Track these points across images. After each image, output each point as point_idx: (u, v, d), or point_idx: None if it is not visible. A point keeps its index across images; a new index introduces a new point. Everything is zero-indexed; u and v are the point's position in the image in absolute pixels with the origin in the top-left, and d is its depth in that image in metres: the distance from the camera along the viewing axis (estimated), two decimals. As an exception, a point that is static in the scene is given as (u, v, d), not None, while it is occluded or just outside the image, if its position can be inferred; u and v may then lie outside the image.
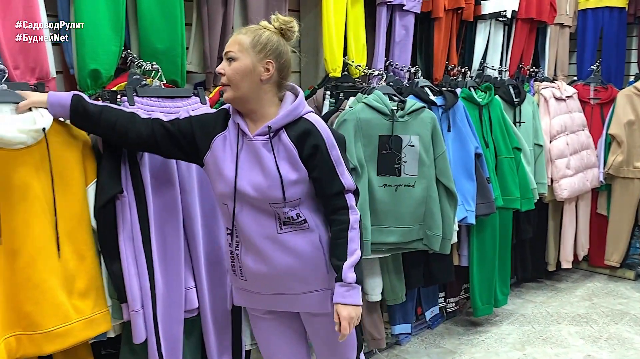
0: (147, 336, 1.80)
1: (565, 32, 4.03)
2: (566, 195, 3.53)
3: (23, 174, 1.57)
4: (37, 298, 1.57)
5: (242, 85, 1.60)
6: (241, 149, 1.64)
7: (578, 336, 3.12)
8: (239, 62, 1.59)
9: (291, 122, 1.63)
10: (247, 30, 1.63)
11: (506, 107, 3.30)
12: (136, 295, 1.78)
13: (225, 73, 1.60)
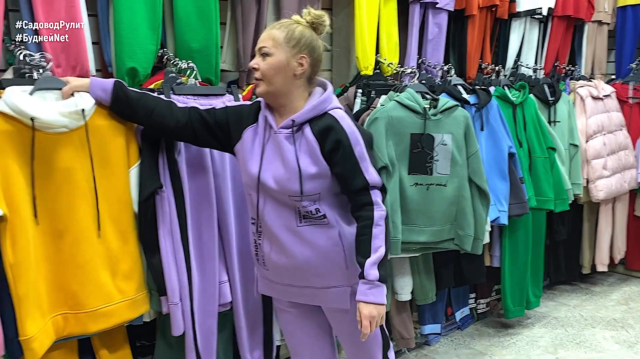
0: (185, 329, 1.84)
1: (603, 30, 3.93)
2: (602, 197, 3.45)
3: (66, 157, 1.62)
4: (82, 277, 1.63)
5: (275, 80, 1.61)
6: (267, 142, 1.67)
7: (613, 340, 3.05)
8: (274, 57, 1.60)
9: (316, 116, 1.64)
10: (280, 25, 1.64)
11: (541, 106, 3.24)
12: (175, 288, 1.82)
13: (260, 68, 1.61)
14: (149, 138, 1.82)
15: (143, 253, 1.84)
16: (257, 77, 1.63)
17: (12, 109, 1.49)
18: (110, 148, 1.71)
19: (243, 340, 2.03)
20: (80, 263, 1.63)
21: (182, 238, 1.84)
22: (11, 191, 1.51)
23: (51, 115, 1.56)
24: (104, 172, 1.69)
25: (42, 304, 1.57)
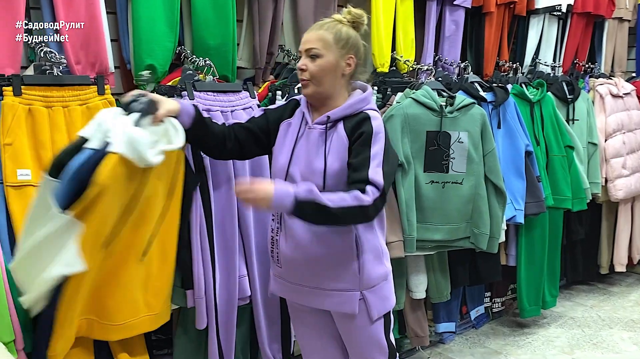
0: (208, 323, 1.88)
1: (624, 27, 3.88)
2: (621, 196, 3.40)
3: (151, 185, 1.63)
4: (118, 296, 1.68)
5: (325, 81, 1.63)
6: (300, 136, 1.69)
7: (631, 341, 3.01)
8: (324, 58, 1.61)
9: (351, 114, 1.65)
10: (327, 26, 1.64)
11: (559, 104, 3.21)
12: (202, 283, 1.86)
13: (309, 70, 1.62)
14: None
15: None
16: (305, 78, 1.63)
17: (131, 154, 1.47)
18: (174, 169, 1.73)
19: (262, 333, 2.05)
20: (121, 283, 1.68)
21: (208, 233, 1.88)
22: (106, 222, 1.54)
23: (155, 158, 1.53)
24: (172, 195, 1.73)
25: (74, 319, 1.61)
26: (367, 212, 1.56)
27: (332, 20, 1.66)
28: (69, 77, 1.83)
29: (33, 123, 1.74)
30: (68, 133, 1.80)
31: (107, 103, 1.88)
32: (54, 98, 1.78)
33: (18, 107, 1.71)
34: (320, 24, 1.66)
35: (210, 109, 1.93)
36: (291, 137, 1.70)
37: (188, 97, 1.89)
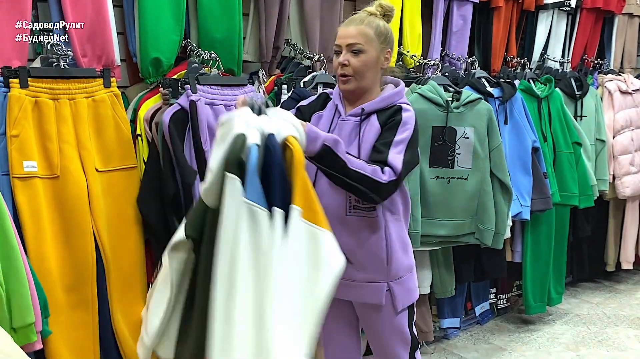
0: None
1: (634, 22, 3.84)
2: (629, 193, 3.38)
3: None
4: None
5: (367, 76, 1.64)
6: (333, 128, 1.69)
7: (637, 339, 2.99)
8: (367, 54, 1.62)
9: (384, 107, 1.66)
10: (367, 21, 1.64)
11: (567, 100, 3.19)
12: None
13: (351, 65, 1.61)
14: (177, 131, 1.85)
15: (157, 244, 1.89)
16: (347, 73, 1.63)
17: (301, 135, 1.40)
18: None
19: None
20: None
21: None
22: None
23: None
24: None
25: None
26: (379, 189, 1.54)
27: (367, 13, 1.66)
28: (75, 70, 1.85)
29: (39, 115, 1.76)
30: (74, 125, 1.81)
31: (113, 96, 1.90)
32: (60, 91, 1.79)
33: (24, 99, 1.72)
34: (358, 18, 1.65)
35: (214, 102, 1.93)
36: (323, 129, 1.68)
37: (191, 91, 1.89)
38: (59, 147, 1.77)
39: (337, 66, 1.65)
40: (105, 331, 1.85)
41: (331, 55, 2.57)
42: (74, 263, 1.78)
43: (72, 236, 1.78)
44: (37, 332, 1.61)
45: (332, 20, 2.56)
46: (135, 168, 1.95)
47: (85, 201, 1.80)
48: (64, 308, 1.76)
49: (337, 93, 1.73)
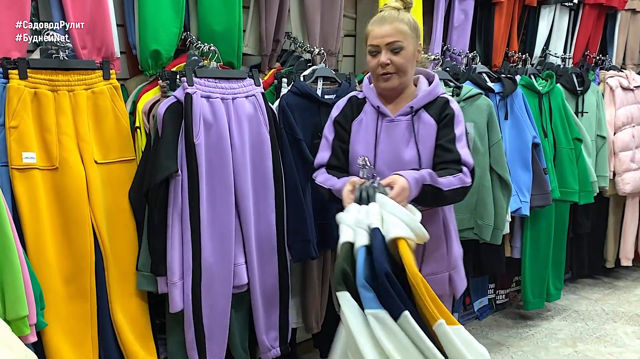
0: (184, 307, 1.89)
1: (637, 19, 3.82)
2: (629, 190, 3.37)
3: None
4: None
5: (408, 71, 1.68)
6: (380, 131, 1.70)
7: (635, 336, 3.00)
8: (406, 50, 1.64)
9: (431, 101, 1.69)
10: (400, 17, 1.65)
11: (568, 96, 3.18)
12: (175, 268, 1.87)
13: (394, 63, 1.64)
14: (171, 124, 1.85)
15: (147, 236, 1.89)
16: (390, 71, 1.65)
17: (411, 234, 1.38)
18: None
19: (259, 321, 2.07)
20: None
21: (192, 220, 1.88)
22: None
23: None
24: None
25: None
26: (465, 192, 1.63)
27: (393, 9, 1.67)
28: (74, 62, 1.84)
29: (38, 107, 1.76)
30: (73, 117, 1.81)
31: (112, 88, 1.90)
32: (60, 82, 1.79)
33: (24, 91, 1.73)
34: (389, 15, 1.66)
35: (211, 96, 1.93)
36: (369, 134, 1.70)
37: (187, 83, 1.89)
38: (58, 139, 1.77)
39: (376, 66, 1.66)
40: (103, 322, 1.86)
41: (331, 48, 2.58)
42: (72, 254, 1.78)
43: (71, 227, 1.78)
44: (31, 325, 1.61)
45: (332, 14, 2.55)
46: (133, 160, 1.95)
47: (84, 193, 1.80)
48: (62, 299, 1.77)
49: (373, 94, 1.73)
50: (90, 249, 1.81)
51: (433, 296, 1.29)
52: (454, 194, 1.59)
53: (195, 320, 1.91)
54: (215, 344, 1.99)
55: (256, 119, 2.03)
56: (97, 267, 1.84)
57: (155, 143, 1.87)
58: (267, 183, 2.05)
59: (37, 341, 1.67)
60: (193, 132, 1.86)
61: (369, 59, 1.69)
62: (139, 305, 1.95)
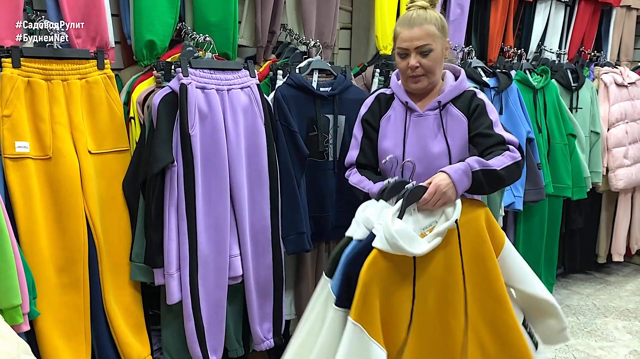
0: (182, 298, 1.89)
1: (632, 15, 3.83)
2: (622, 186, 3.39)
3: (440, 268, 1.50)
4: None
5: (437, 71, 1.71)
6: (408, 126, 1.72)
7: (625, 330, 3.02)
8: (435, 51, 1.66)
9: (457, 96, 1.71)
10: (428, 19, 1.65)
11: (563, 91, 3.19)
12: (173, 260, 1.87)
13: (423, 66, 1.66)
14: (165, 114, 1.84)
15: (142, 229, 1.89)
16: (419, 74, 1.67)
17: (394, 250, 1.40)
18: (475, 240, 1.55)
19: (253, 313, 2.07)
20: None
21: (188, 211, 1.88)
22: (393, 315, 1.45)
23: (427, 247, 1.43)
24: (476, 268, 1.54)
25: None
26: (520, 167, 1.62)
27: (420, 8, 1.67)
28: (68, 51, 1.83)
29: (32, 96, 1.75)
30: (67, 106, 1.80)
31: (107, 78, 1.89)
32: (54, 72, 1.78)
33: (17, 79, 1.71)
34: (417, 16, 1.65)
35: (206, 87, 1.92)
36: (398, 129, 1.73)
37: (182, 74, 1.88)
38: (51, 128, 1.76)
39: (405, 68, 1.68)
40: (96, 313, 1.86)
41: (327, 41, 2.58)
42: (65, 244, 1.78)
43: (64, 217, 1.77)
44: (24, 314, 1.61)
45: (328, 6, 2.55)
46: (127, 151, 1.95)
47: (78, 182, 1.79)
48: (55, 289, 1.77)
49: (402, 91, 1.76)
50: (84, 239, 1.80)
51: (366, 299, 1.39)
52: (508, 173, 1.57)
53: (195, 312, 1.91)
54: (214, 336, 1.99)
55: (251, 110, 2.03)
56: (91, 257, 1.83)
57: (150, 134, 1.87)
58: (262, 175, 2.05)
59: (30, 330, 1.67)
60: (188, 123, 1.85)
61: (398, 60, 1.71)
62: (132, 296, 1.94)
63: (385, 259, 1.42)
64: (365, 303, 1.38)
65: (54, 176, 1.76)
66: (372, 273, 1.40)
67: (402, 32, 1.67)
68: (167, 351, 2.04)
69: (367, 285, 1.39)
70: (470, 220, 1.55)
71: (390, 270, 1.43)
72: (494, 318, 1.56)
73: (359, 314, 1.37)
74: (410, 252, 1.39)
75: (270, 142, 2.07)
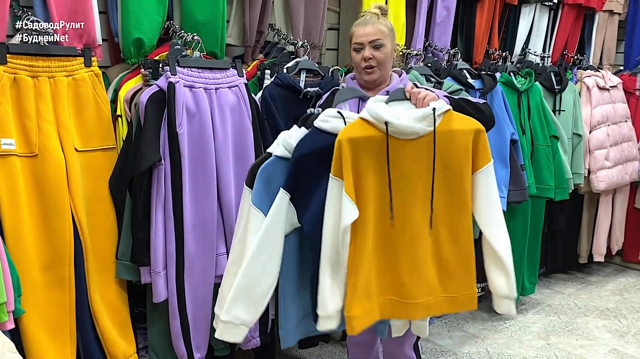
0: (168, 296, 1.89)
1: (614, 20, 3.90)
2: (603, 187, 3.45)
3: (411, 162, 1.58)
4: (413, 272, 1.61)
5: (387, 66, 1.90)
6: (360, 110, 1.79)
7: (605, 329, 3.08)
8: (386, 47, 1.87)
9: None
10: (380, 20, 1.88)
11: (546, 94, 3.24)
12: (159, 258, 1.87)
13: (376, 58, 1.86)
14: (153, 112, 1.84)
15: (129, 227, 1.89)
16: (373, 65, 1.86)
17: (371, 115, 1.54)
18: (452, 153, 1.61)
19: (239, 311, 2.07)
20: (413, 259, 1.61)
21: (175, 210, 1.88)
22: (362, 192, 1.54)
23: (404, 121, 1.54)
24: (443, 175, 1.61)
25: (371, 290, 1.59)
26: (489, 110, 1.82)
27: (374, 14, 1.89)
28: (55, 48, 1.82)
29: (18, 92, 1.74)
30: (53, 103, 1.80)
31: (94, 76, 1.88)
32: (40, 68, 1.77)
33: (3, 76, 1.71)
34: (371, 19, 1.88)
35: (194, 85, 1.93)
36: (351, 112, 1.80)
37: (170, 72, 1.88)
38: (37, 125, 1.75)
39: (360, 60, 1.87)
40: (82, 311, 1.85)
41: (314, 41, 2.59)
42: (51, 242, 1.77)
43: (50, 215, 1.77)
44: (9, 312, 1.60)
45: (316, 7, 2.56)
46: (114, 148, 1.94)
47: (64, 180, 1.79)
48: (40, 287, 1.76)
49: (356, 85, 1.93)
50: (70, 237, 1.80)
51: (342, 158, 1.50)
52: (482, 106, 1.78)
53: (180, 310, 1.92)
54: (199, 334, 2.00)
55: (239, 109, 2.04)
56: (76, 255, 1.83)
57: (137, 132, 1.87)
58: (249, 174, 2.05)
59: (14, 328, 1.66)
60: (176, 121, 1.86)
61: (354, 55, 1.90)
62: (118, 294, 1.94)
63: (365, 129, 1.53)
64: (343, 163, 1.50)
65: (40, 173, 1.75)
66: (347, 135, 1.51)
67: (357, 30, 1.89)
68: (153, 349, 2.04)
69: (341, 145, 1.50)
70: (458, 131, 1.60)
71: (366, 140, 1.53)
72: (454, 223, 1.64)
73: (337, 171, 1.50)
74: (383, 117, 1.51)
75: (258, 140, 2.08)
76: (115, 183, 1.91)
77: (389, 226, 1.58)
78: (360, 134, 1.53)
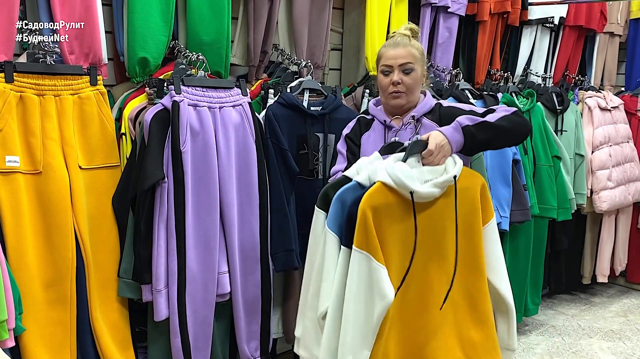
0: (170, 315, 1.88)
1: (615, 41, 3.93)
2: (606, 208, 3.44)
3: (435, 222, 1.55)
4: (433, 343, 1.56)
5: (416, 92, 1.82)
6: (388, 140, 1.81)
7: (609, 351, 3.05)
8: (416, 72, 1.79)
9: (428, 111, 1.82)
10: (412, 43, 1.79)
11: (548, 114, 3.25)
12: (161, 276, 1.86)
13: (405, 83, 1.78)
14: (157, 131, 1.85)
15: (132, 244, 1.89)
16: (401, 90, 1.78)
17: (395, 182, 1.47)
18: (468, 210, 1.60)
19: (240, 331, 2.06)
20: (431, 328, 1.56)
21: (178, 228, 1.88)
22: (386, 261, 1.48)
23: (428, 189, 1.51)
24: (463, 233, 1.60)
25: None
26: (521, 116, 1.70)
27: (405, 35, 1.81)
28: (61, 66, 1.85)
29: (24, 111, 1.75)
30: (58, 121, 1.81)
31: (99, 94, 1.90)
32: (46, 87, 1.79)
33: (9, 94, 1.72)
34: (403, 41, 1.80)
35: (198, 104, 1.94)
36: (377, 144, 1.80)
37: (175, 91, 1.90)
38: (42, 143, 1.77)
39: (387, 84, 1.79)
40: (82, 329, 1.84)
41: (318, 61, 2.62)
42: (53, 259, 1.77)
43: (53, 232, 1.77)
44: (10, 329, 1.59)
45: (319, 27, 2.59)
46: (118, 166, 1.95)
47: (67, 198, 1.79)
48: (42, 305, 1.75)
49: (379, 111, 1.87)
50: (72, 255, 1.79)
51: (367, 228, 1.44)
52: (509, 122, 1.64)
53: (181, 329, 1.90)
54: (200, 353, 1.98)
55: (242, 128, 2.05)
56: (79, 273, 1.82)
57: (141, 150, 1.88)
58: (252, 192, 2.06)
59: (15, 346, 1.65)
60: (180, 139, 1.87)
61: (381, 78, 1.81)
62: (119, 312, 1.93)
63: (386, 195, 1.47)
64: (367, 232, 1.44)
65: (43, 191, 1.76)
66: (370, 203, 1.45)
67: (387, 52, 1.80)
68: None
69: (365, 214, 1.44)
70: (468, 188, 1.60)
71: (389, 207, 1.48)
72: (470, 282, 1.62)
73: (362, 243, 1.44)
74: (409, 187, 1.46)
75: (261, 159, 2.08)
76: (118, 200, 1.92)
77: (406, 292, 1.53)
78: (382, 201, 1.47)
